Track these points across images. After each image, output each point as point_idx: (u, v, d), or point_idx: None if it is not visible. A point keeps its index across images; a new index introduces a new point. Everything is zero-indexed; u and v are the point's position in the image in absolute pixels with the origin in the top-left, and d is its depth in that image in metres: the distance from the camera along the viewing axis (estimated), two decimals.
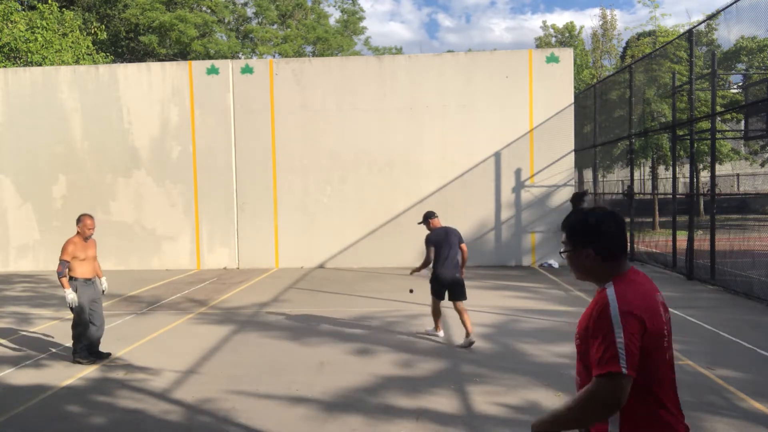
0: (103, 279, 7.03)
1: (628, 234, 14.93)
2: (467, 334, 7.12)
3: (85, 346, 6.70)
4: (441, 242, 7.31)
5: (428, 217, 7.62)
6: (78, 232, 6.75)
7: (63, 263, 6.57)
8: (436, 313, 7.55)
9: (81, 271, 6.71)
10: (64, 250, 6.63)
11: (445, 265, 7.26)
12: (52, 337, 7.95)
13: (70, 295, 6.59)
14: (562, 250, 2.15)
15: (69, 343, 6.94)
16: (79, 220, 6.80)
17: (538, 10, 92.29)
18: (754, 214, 26.97)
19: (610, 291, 1.95)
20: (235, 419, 4.99)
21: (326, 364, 6.50)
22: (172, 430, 4.85)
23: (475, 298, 10.20)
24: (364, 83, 14.69)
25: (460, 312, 7.21)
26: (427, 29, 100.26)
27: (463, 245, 7.44)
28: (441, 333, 7.64)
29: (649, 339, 1.90)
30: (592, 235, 2.05)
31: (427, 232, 7.55)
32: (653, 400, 1.95)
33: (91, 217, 6.89)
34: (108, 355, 6.89)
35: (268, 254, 14.86)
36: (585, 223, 2.08)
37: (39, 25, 20.37)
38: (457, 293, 7.28)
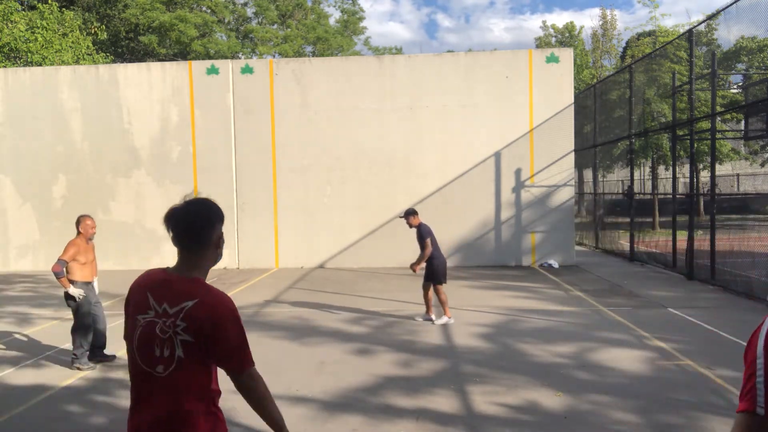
0: (95, 279, 6.86)
1: (628, 234, 15.00)
2: (438, 314, 8.37)
3: (86, 352, 6.54)
4: (433, 233, 8.32)
5: (416, 213, 8.43)
6: (80, 233, 6.55)
7: (61, 262, 6.38)
8: (446, 299, 8.28)
9: (81, 274, 6.55)
10: (65, 250, 6.46)
11: (440, 252, 8.35)
12: (53, 338, 7.95)
13: (76, 290, 6.41)
14: None
15: (69, 343, 6.91)
16: (79, 222, 6.59)
17: (537, 10, 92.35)
18: (754, 214, 26.97)
19: None
20: (235, 419, 4.98)
21: (326, 364, 6.50)
22: None
23: (475, 298, 10.23)
24: (364, 83, 14.68)
25: (431, 297, 8.46)
26: (426, 29, 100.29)
27: None
28: (452, 319, 8.34)
29: None
30: None
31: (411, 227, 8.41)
32: None
33: (91, 217, 6.74)
34: (113, 357, 6.83)
35: (268, 254, 14.85)
36: None
37: (39, 25, 20.37)
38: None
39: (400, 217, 8.59)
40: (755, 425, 1.48)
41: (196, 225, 2.18)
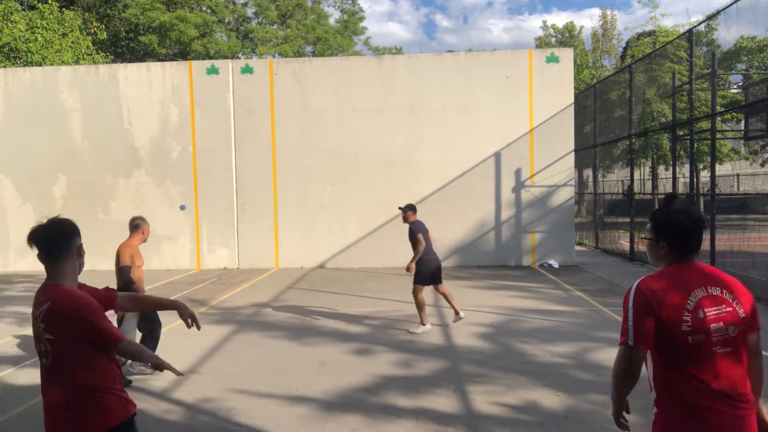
0: None
1: (628, 234, 15.00)
2: (456, 313, 7.93)
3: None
4: (425, 231, 7.93)
5: (414, 210, 8.01)
6: (142, 233, 6.23)
7: (126, 269, 6.01)
8: (422, 305, 7.85)
9: (136, 279, 6.18)
10: (123, 255, 6.03)
11: (432, 252, 7.89)
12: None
13: None
14: (644, 236, 2.55)
15: None
16: (138, 225, 6.23)
17: (535, 10, 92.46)
18: (754, 214, 26.98)
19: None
20: (235, 419, 4.99)
21: (326, 364, 6.50)
22: (172, 429, 4.85)
23: (475, 298, 10.23)
24: (364, 83, 14.68)
25: (445, 294, 7.98)
26: (425, 30, 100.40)
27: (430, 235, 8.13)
28: (429, 326, 7.91)
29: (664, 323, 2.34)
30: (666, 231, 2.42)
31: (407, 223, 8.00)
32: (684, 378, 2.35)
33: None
34: (129, 382, 5.91)
35: (268, 254, 14.85)
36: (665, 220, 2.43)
37: (39, 25, 20.38)
38: (440, 277, 7.98)
39: (400, 208, 8.12)
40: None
41: (53, 241, 2.60)
